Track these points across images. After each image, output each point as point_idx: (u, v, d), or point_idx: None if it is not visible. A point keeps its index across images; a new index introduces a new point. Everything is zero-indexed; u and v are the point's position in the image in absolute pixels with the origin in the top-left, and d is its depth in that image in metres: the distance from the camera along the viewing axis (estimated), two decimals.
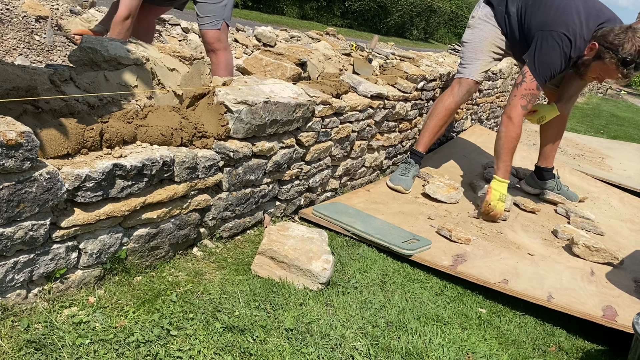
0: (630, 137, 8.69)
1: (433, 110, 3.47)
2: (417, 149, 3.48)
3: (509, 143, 3.04)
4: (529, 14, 3.06)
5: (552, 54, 2.92)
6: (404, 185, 3.28)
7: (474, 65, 3.35)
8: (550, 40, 2.91)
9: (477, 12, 3.39)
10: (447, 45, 11.61)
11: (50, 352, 1.38)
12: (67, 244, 1.55)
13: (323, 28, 11.31)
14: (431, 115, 3.47)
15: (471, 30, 3.38)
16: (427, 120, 3.49)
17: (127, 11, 2.78)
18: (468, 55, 3.38)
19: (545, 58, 2.94)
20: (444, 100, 3.42)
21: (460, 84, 3.39)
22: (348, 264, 2.31)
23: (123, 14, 2.78)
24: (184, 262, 2.00)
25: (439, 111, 3.42)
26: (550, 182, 3.70)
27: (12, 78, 1.56)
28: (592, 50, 2.92)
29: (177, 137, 1.90)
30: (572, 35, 2.89)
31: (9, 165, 1.31)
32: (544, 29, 2.95)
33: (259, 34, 6.36)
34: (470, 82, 3.37)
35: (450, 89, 3.44)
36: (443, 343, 1.86)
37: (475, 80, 3.36)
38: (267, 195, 2.42)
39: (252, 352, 1.58)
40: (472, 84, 3.37)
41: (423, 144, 3.47)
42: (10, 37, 3.59)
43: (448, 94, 3.43)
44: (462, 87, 3.38)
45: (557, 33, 2.90)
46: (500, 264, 2.55)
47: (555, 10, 2.96)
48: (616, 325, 2.12)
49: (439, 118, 3.41)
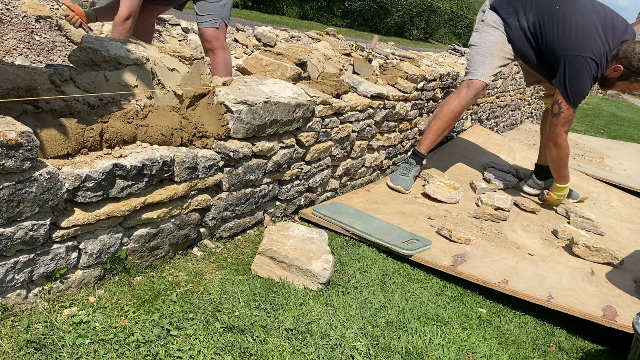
0: (630, 137, 8.69)
1: (438, 112, 3.43)
2: (419, 150, 3.44)
3: (563, 161, 3.35)
4: (546, 32, 3.11)
5: (583, 80, 3.03)
6: (404, 185, 3.28)
7: (485, 67, 3.31)
8: (578, 67, 3.01)
9: (487, 17, 3.36)
10: (447, 45, 11.61)
11: (50, 352, 1.38)
12: (67, 244, 1.55)
13: (323, 28, 11.31)
14: (436, 117, 3.43)
15: (480, 34, 3.34)
16: (432, 122, 3.45)
17: (127, 12, 2.78)
18: (477, 58, 3.34)
19: (577, 85, 3.05)
20: (449, 103, 3.38)
21: (469, 87, 3.34)
22: (348, 264, 2.31)
23: (124, 15, 2.78)
24: (184, 262, 2.00)
25: (444, 114, 3.38)
26: (550, 181, 3.70)
27: (12, 78, 1.56)
28: (616, 72, 3.04)
29: (177, 137, 1.90)
30: (597, 58, 2.99)
31: (9, 165, 1.31)
32: (570, 53, 3.03)
33: (259, 34, 6.36)
34: (479, 85, 3.32)
35: (457, 92, 3.39)
36: (443, 343, 1.86)
37: (485, 83, 3.33)
38: (267, 195, 2.42)
39: (252, 352, 1.58)
40: (482, 86, 3.33)
41: (425, 145, 3.43)
42: (10, 37, 3.59)
43: (455, 96, 3.38)
44: (471, 90, 3.33)
45: (584, 58, 2.99)
46: (500, 264, 2.55)
47: (575, 31, 3.01)
48: (616, 325, 2.12)
49: (444, 121, 3.38)
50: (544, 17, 3.11)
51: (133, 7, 2.79)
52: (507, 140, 5.06)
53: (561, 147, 3.26)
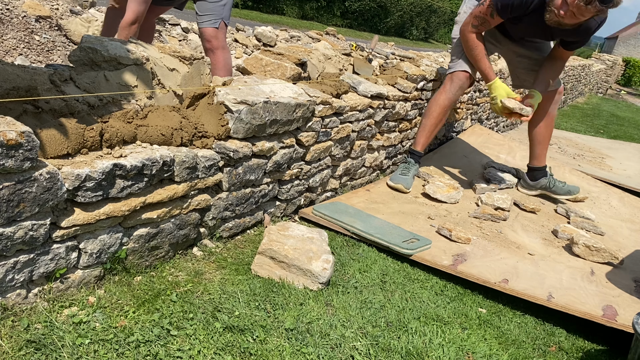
0: (630, 137, 8.69)
1: (427, 109, 3.48)
2: (415, 149, 3.49)
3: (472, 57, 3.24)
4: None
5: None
6: (404, 184, 3.29)
7: (463, 57, 3.33)
8: None
9: (463, 7, 3.45)
10: (447, 45, 11.62)
11: (50, 352, 1.38)
12: (67, 244, 1.55)
13: (323, 28, 11.31)
14: (426, 114, 3.48)
15: (458, 26, 3.39)
16: (423, 120, 3.49)
17: (134, 16, 2.79)
18: (456, 49, 3.38)
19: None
20: (437, 99, 3.42)
21: (452, 80, 3.37)
22: (348, 263, 2.31)
23: (130, 19, 2.79)
24: (184, 262, 2.00)
25: (433, 110, 3.42)
26: (542, 181, 3.70)
27: (12, 78, 1.56)
28: None
29: (177, 137, 1.90)
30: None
31: (9, 165, 1.31)
32: None
33: (259, 34, 6.36)
34: (461, 76, 3.34)
35: (442, 87, 3.44)
36: (443, 343, 1.86)
37: (466, 72, 3.33)
38: (267, 195, 2.42)
39: (252, 352, 1.58)
40: (464, 77, 3.34)
41: (421, 143, 3.48)
42: (10, 37, 3.59)
43: (441, 91, 3.42)
44: (454, 82, 3.36)
45: None
46: (500, 264, 2.55)
47: None
48: (616, 325, 2.12)
49: (434, 117, 3.41)
50: None
51: (140, 12, 2.80)
52: (507, 140, 5.06)
53: (467, 41, 3.19)
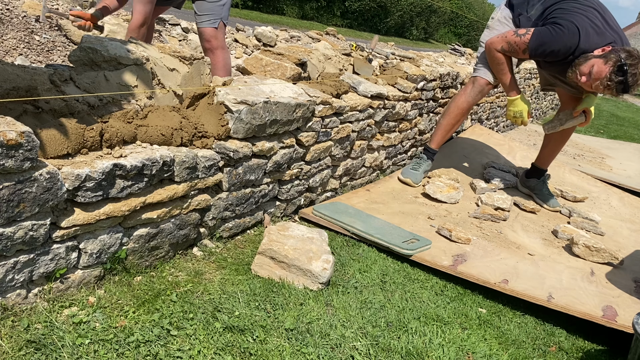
0: (630, 137, 8.69)
1: (446, 109, 3.53)
2: (430, 146, 3.54)
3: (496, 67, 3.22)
4: (551, 14, 3.02)
5: (556, 38, 2.89)
6: (413, 178, 3.38)
7: (487, 66, 3.32)
8: (561, 28, 2.88)
9: (497, 14, 3.39)
10: (447, 45, 11.61)
11: (50, 352, 1.38)
12: (67, 244, 1.55)
13: (323, 28, 11.31)
14: (444, 114, 3.52)
15: (489, 32, 3.37)
16: (440, 119, 3.55)
17: (142, 18, 2.79)
18: (483, 56, 3.36)
19: (548, 36, 2.91)
20: (456, 100, 3.45)
21: (474, 84, 3.39)
22: (348, 264, 2.31)
23: (138, 22, 2.79)
24: (184, 262, 2.00)
25: (451, 110, 3.46)
26: (532, 182, 3.70)
27: (12, 78, 1.56)
28: (603, 51, 2.84)
29: (177, 137, 1.90)
30: (583, 44, 2.84)
31: (9, 165, 1.31)
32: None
33: (259, 34, 6.35)
34: (482, 82, 3.35)
35: (464, 88, 3.46)
36: (443, 343, 1.86)
37: (487, 81, 3.34)
38: (267, 195, 2.42)
39: (252, 352, 1.58)
40: (485, 84, 3.35)
41: (435, 141, 3.52)
42: (10, 37, 3.59)
43: (461, 93, 3.45)
44: (475, 86, 3.37)
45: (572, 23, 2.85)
46: (500, 264, 2.55)
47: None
48: (616, 325, 2.12)
49: (451, 117, 3.45)
50: (550, 4, 3.06)
51: (147, 13, 2.80)
52: (507, 140, 5.06)
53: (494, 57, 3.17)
